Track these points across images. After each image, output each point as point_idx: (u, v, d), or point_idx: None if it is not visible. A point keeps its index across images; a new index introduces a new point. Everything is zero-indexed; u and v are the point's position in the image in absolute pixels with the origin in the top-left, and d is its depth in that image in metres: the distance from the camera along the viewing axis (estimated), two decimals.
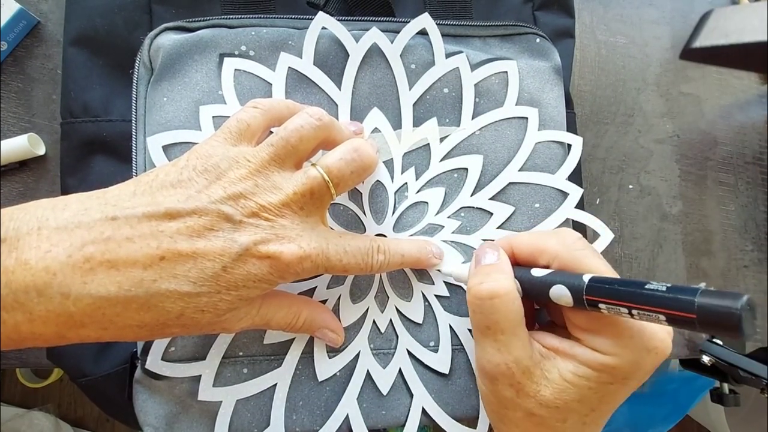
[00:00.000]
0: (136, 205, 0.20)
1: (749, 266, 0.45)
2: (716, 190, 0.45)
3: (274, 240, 0.22)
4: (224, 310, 0.22)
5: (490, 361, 0.23)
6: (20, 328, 0.19)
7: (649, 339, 0.22)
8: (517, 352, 0.22)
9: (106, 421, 1.01)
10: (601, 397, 0.22)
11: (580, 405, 0.22)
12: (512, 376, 0.22)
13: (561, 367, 0.22)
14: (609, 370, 0.22)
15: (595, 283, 0.21)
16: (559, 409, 0.22)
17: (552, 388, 0.22)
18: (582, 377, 0.22)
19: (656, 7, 0.46)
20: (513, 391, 0.23)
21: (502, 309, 0.23)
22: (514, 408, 0.23)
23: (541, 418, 0.23)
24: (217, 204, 0.21)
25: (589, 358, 0.22)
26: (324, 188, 0.24)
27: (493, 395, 0.24)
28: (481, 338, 0.24)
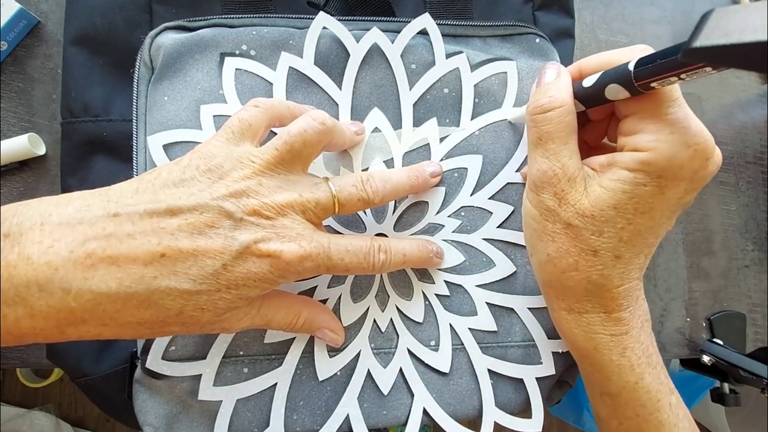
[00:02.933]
0: (138, 202, 0.20)
1: (750, 266, 0.45)
2: (717, 190, 0.45)
3: (275, 239, 0.22)
4: (224, 308, 0.22)
5: (539, 169, 0.24)
6: (21, 323, 0.19)
7: (692, 135, 0.22)
8: (564, 160, 0.24)
9: (107, 421, 1.01)
10: (636, 204, 0.23)
11: (616, 213, 0.23)
12: (557, 182, 0.24)
13: (603, 178, 0.23)
14: (644, 166, 0.22)
15: (641, 65, 0.21)
16: (594, 219, 0.23)
17: (590, 197, 0.23)
18: (617, 180, 0.23)
19: (657, 7, 0.46)
20: (556, 200, 0.24)
21: (554, 120, 0.24)
22: (553, 219, 0.24)
23: (577, 230, 0.23)
24: (218, 201, 0.21)
25: (626, 160, 0.23)
26: (329, 205, 0.24)
27: (536, 207, 0.25)
28: (533, 150, 0.25)
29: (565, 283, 0.25)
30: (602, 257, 0.24)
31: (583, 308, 0.25)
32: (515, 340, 0.30)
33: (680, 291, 0.43)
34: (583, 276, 0.24)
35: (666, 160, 0.22)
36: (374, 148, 0.30)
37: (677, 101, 0.22)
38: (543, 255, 0.25)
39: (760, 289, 0.44)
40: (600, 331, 0.25)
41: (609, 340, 0.25)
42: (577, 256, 0.24)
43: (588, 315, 0.25)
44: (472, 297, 0.30)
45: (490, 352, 0.30)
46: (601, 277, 0.24)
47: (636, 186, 0.22)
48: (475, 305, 0.30)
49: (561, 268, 0.25)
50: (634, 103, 0.23)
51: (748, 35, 0.19)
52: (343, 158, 0.30)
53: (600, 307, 0.25)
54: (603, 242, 0.23)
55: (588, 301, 0.25)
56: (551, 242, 0.24)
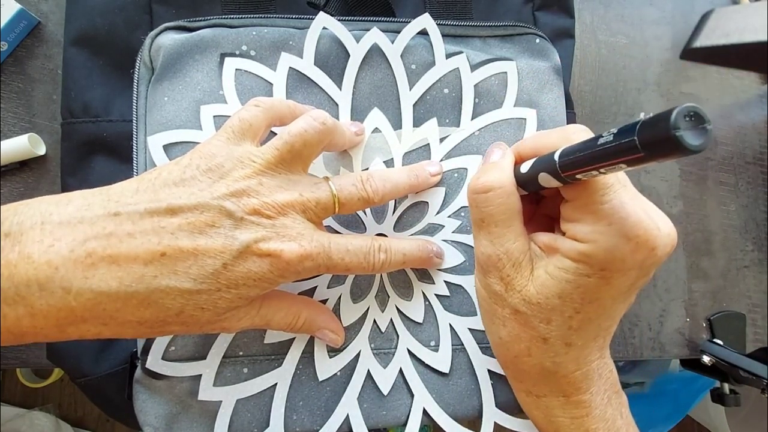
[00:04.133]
0: (139, 201, 0.20)
1: (750, 266, 0.45)
2: (717, 190, 0.45)
3: (275, 238, 0.22)
4: (224, 308, 0.22)
5: (483, 253, 0.24)
6: (21, 322, 0.19)
7: (630, 227, 0.20)
8: (508, 245, 0.23)
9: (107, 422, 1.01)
10: (582, 294, 0.21)
11: (561, 302, 0.22)
12: (502, 267, 0.23)
13: (547, 263, 0.22)
14: (585, 258, 0.21)
15: (564, 156, 0.20)
16: (541, 306, 0.22)
17: (536, 283, 0.22)
18: (561, 269, 0.22)
19: (657, 7, 0.46)
20: (502, 285, 0.23)
21: (495, 202, 0.23)
22: (502, 304, 0.24)
23: (525, 317, 0.23)
24: (218, 200, 0.21)
25: (568, 248, 0.22)
26: (330, 204, 0.24)
27: (485, 290, 0.25)
28: (476, 232, 0.24)
29: (520, 367, 0.24)
30: (553, 345, 0.23)
31: (541, 392, 0.24)
32: None
33: (680, 291, 0.43)
34: (536, 362, 0.23)
35: (606, 253, 0.20)
36: (374, 149, 0.30)
37: (612, 188, 0.21)
38: (496, 337, 0.25)
39: (760, 289, 0.44)
40: (559, 414, 0.24)
41: (570, 422, 0.24)
42: (528, 342, 0.23)
43: (546, 398, 0.24)
44: (471, 297, 0.30)
45: (490, 353, 0.30)
46: (554, 364, 0.23)
47: (579, 277, 0.21)
48: (474, 305, 0.30)
49: (514, 353, 0.24)
50: (572, 189, 0.22)
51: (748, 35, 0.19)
52: (343, 158, 0.30)
53: (558, 391, 0.24)
54: (552, 330, 0.22)
55: (545, 386, 0.24)
56: (502, 326, 0.24)
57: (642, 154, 0.16)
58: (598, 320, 0.23)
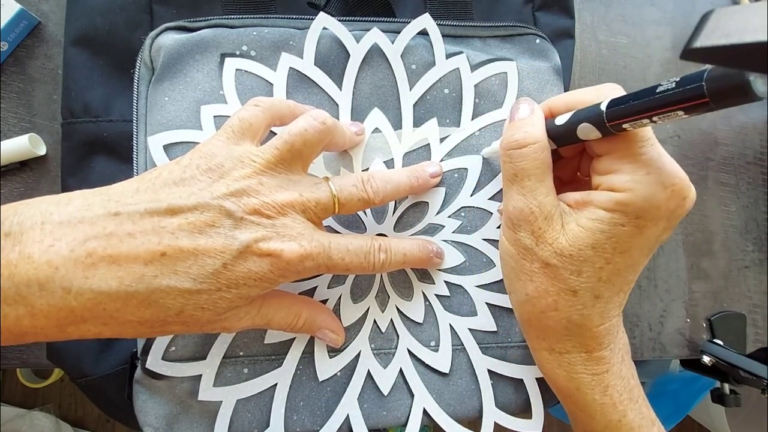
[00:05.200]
0: (139, 201, 0.20)
1: (750, 267, 0.45)
2: (717, 191, 0.45)
3: (276, 238, 0.22)
4: (224, 308, 0.22)
5: (515, 207, 0.24)
6: (21, 321, 0.19)
7: (667, 175, 0.21)
8: (541, 198, 0.23)
9: (107, 422, 1.01)
10: (615, 244, 0.22)
11: (594, 253, 0.22)
12: (534, 221, 0.23)
13: (579, 216, 0.23)
14: (621, 207, 0.22)
15: (613, 106, 0.21)
16: (573, 258, 0.23)
17: (568, 236, 0.23)
18: (595, 220, 0.22)
19: (657, 7, 0.46)
20: (533, 238, 0.23)
21: (529, 157, 0.23)
22: (531, 258, 0.24)
23: (555, 270, 0.23)
24: (218, 200, 0.21)
25: (603, 199, 0.22)
26: (330, 205, 0.24)
27: (513, 246, 0.24)
28: (508, 187, 0.24)
29: (545, 323, 0.24)
30: (582, 297, 0.23)
31: (564, 348, 0.25)
32: (515, 340, 0.30)
33: (680, 292, 0.43)
34: (563, 316, 0.24)
35: (644, 200, 0.21)
36: (374, 149, 0.30)
37: (650, 140, 0.22)
38: (521, 294, 0.25)
39: (760, 289, 0.44)
40: (581, 371, 0.24)
41: (591, 379, 0.24)
42: (556, 296, 0.23)
43: (569, 355, 0.25)
44: (472, 297, 0.30)
45: (490, 353, 0.30)
46: (581, 317, 0.23)
47: (614, 226, 0.22)
48: (475, 305, 0.30)
49: (540, 308, 0.24)
50: (607, 142, 0.23)
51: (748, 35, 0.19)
52: (343, 158, 0.30)
53: (581, 346, 0.24)
54: (582, 282, 0.23)
55: (569, 341, 0.24)
56: (529, 282, 0.24)
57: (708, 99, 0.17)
58: (626, 272, 0.23)
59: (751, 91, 0.15)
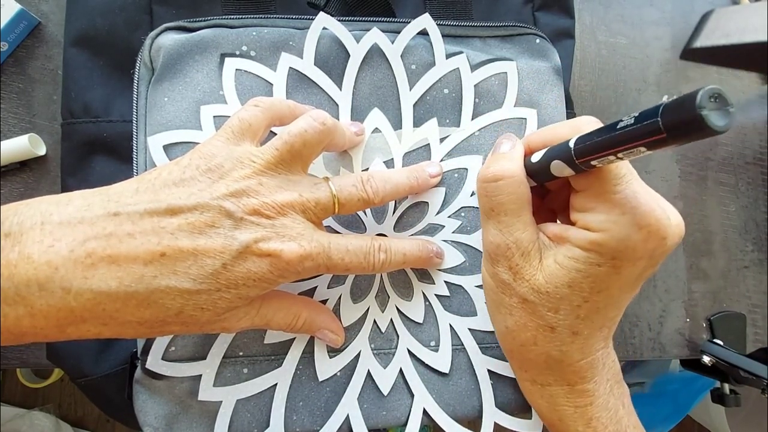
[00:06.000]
0: (139, 201, 0.20)
1: (749, 267, 0.45)
2: (717, 191, 0.45)
3: (275, 238, 0.22)
4: (224, 308, 0.22)
5: (491, 242, 0.24)
6: (21, 322, 0.19)
7: (642, 216, 0.21)
8: (518, 234, 0.23)
9: (107, 422, 1.01)
10: (592, 284, 0.22)
11: (570, 291, 0.22)
12: (511, 256, 0.23)
13: (556, 252, 0.23)
14: (596, 247, 0.21)
15: (580, 143, 0.21)
16: (549, 295, 0.22)
17: (545, 272, 0.23)
18: (571, 258, 0.22)
19: (657, 8, 0.46)
20: (511, 274, 0.23)
21: (505, 191, 0.23)
22: (509, 293, 0.24)
23: (533, 306, 0.23)
24: (218, 200, 0.21)
25: (579, 237, 0.22)
26: (329, 205, 0.24)
27: (492, 279, 0.25)
28: (485, 221, 0.24)
29: (526, 356, 0.25)
30: (560, 334, 0.23)
31: (546, 381, 0.25)
32: None
33: (680, 292, 0.43)
34: (542, 351, 0.24)
35: (618, 242, 0.21)
36: (374, 149, 0.30)
37: (625, 177, 0.21)
38: (502, 326, 0.25)
39: (760, 289, 0.44)
40: (563, 403, 0.24)
41: (573, 411, 0.24)
42: (535, 330, 0.23)
43: (551, 387, 0.25)
44: (472, 297, 0.30)
45: (490, 353, 0.30)
46: (560, 353, 0.23)
47: (590, 266, 0.22)
48: (475, 306, 0.30)
49: (520, 342, 0.24)
50: (584, 178, 0.22)
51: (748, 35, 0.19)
52: (343, 159, 0.30)
53: (562, 380, 0.24)
54: (560, 319, 0.23)
55: (550, 375, 0.24)
56: (509, 315, 0.24)
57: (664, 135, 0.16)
58: (605, 310, 0.23)
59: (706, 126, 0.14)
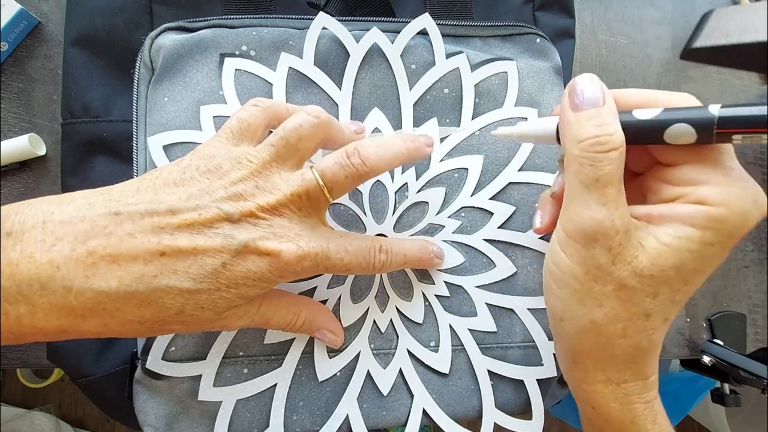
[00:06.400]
0: (139, 201, 0.21)
1: (750, 266, 0.45)
2: None
3: (273, 238, 0.22)
4: (224, 307, 0.22)
5: (593, 217, 0.20)
6: (22, 320, 0.19)
7: (759, 193, 0.20)
8: (623, 209, 0.20)
9: (107, 422, 1.01)
10: (698, 265, 0.20)
11: (676, 274, 0.20)
12: (615, 235, 0.20)
13: (658, 232, 0.20)
14: (716, 224, 0.19)
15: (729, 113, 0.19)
16: (653, 279, 0.20)
17: (649, 254, 0.20)
18: (683, 238, 0.20)
19: (657, 7, 0.46)
20: (610, 255, 0.20)
21: (617, 161, 0.20)
22: (604, 280, 0.21)
23: (632, 292, 0.20)
24: (217, 202, 0.21)
25: (693, 215, 0.20)
26: (319, 192, 0.23)
27: (581, 265, 0.21)
28: (584, 193, 0.20)
29: (609, 352, 0.22)
30: (653, 321, 0.21)
31: (622, 378, 0.22)
32: (515, 341, 0.30)
33: None
34: (631, 343, 0.21)
35: (741, 217, 0.19)
36: None
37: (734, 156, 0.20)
38: (584, 321, 0.21)
39: (760, 289, 0.44)
40: (636, 400, 0.22)
41: (644, 408, 0.22)
42: (627, 321, 0.21)
43: (626, 384, 0.22)
44: (472, 298, 0.30)
45: (490, 353, 0.30)
46: (650, 342, 0.21)
47: (704, 246, 0.20)
48: (475, 306, 0.30)
49: (606, 336, 0.21)
50: (690, 151, 0.20)
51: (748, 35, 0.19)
52: None
53: (639, 374, 0.22)
54: (656, 305, 0.21)
55: (628, 369, 0.22)
56: (597, 307, 0.21)
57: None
58: (693, 290, 0.21)
59: None
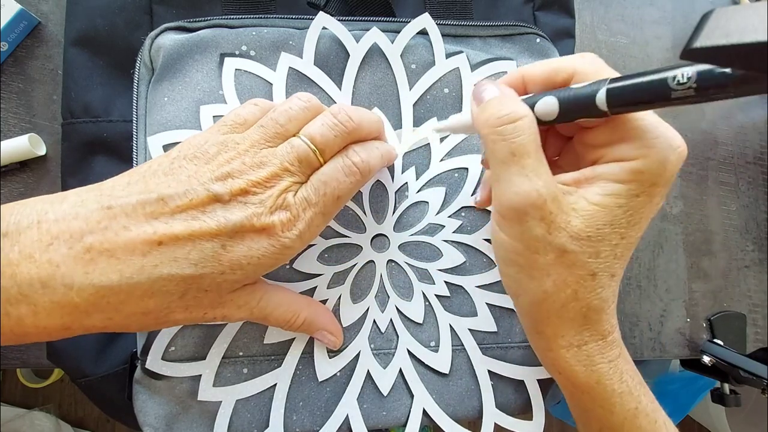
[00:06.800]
0: (130, 193, 0.21)
1: (750, 266, 0.45)
2: (717, 190, 0.45)
3: (265, 213, 0.22)
4: (227, 289, 0.22)
5: (518, 192, 0.21)
6: (24, 320, 0.19)
7: (673, 137, 0.21)
8: (545, 177, 0.21)
9: (107, 422, 1.01)
10: (630, 217, 0.21)
11: (611, 230, 0.21)
12: (543, 204, 0.21)
13: (587, 193, 0.21)
14: (637, 176, 0.21)
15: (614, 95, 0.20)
16: (591, 240, 0.21)
17: (581, 216, 0.21)
18: (610, 195, 0.21)
19: (657, 7, 0.46)
20: (544, 226, 0.21)
21: (528, 131, 0.21)
22: (544, 249, 0.21)
23: (574, 256, 0.21)
24: (205, 185, 0.21)
25: (615, 172, 0.21)
26: (310, 155, 0.23)
27: (519, 241, 0.22)
28: (504, 169, 0.21)
29: (565, 316, 0.23)
30: (600, 279, 0.22)
31: (582, 340, 0.23)
32: (515, 340, 0.30)
33: (680, 291, 0.43)
34: (584, 304, 0.22)
35: (659, 165, 0.21)
36: None
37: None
38: (538, 293, 0.23)
39: (761, 289, 0.44)
40: (599, 360, 0.23)
41: (608, 368, 0.23)
42: (576, 284, 0.22)
43: (587, 346, 0.23)
44: (472, 298, 0.30)
45: (490, 353, 0.30)
46: (600, 300, 0.22)
47: (630, 198, 0.21)
48: (475, 306, 0.30)
49: (560, 302, 0.22)
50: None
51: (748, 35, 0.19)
52: None
53: (597, 334, 0.23)
54: (600, 263, 0.22)
55: (586, 331, 0.23)
56: (546, 277, 0.22)
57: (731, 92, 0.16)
58: (634, 245, 0.22)
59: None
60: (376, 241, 0.30)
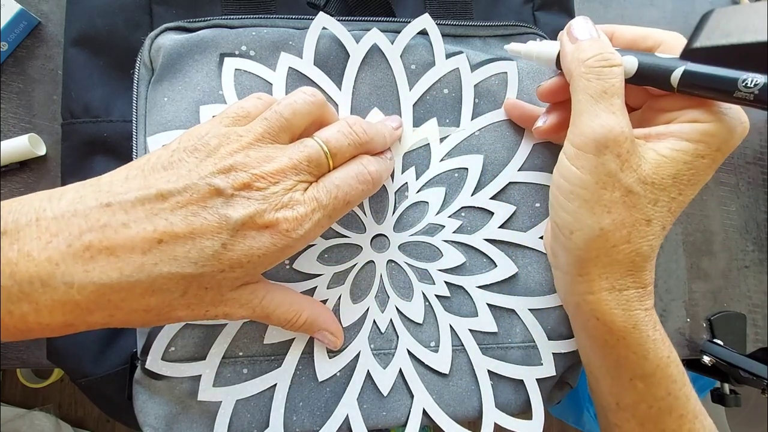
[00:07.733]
0: (129, 189, 0.20)
1: (750, 266, 0.45)
2: (717, 190, 0.45)
3: (269, 209, 0.21)
4: (228, 287, 0.22)
5: (603, 125, 0.22)
6: (27, 318, 0.19)
7: (741, 112, 0.23)
8: (628, 120, 0.23)
9: (107, 422, 1.01)
10: (691, 176, 0.23)
11: (673, 183, 0.23)
12: (623, 142, 0.22)
13: (657, 146, 0.23)
14: (706, 137, 0.23)
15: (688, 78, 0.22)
16: (654, 186, 0.23)
17: (650, 163, 0.23)
18: (679, 150, 0.23)
19: (657, 8, 0.46)
20: (618, 162, 0.22)
21: (620, 77, 0.23)
22: (613, 186, 0.23)
23: (636, 198, 0.23)
24: (206, 179, 0.21)
25: (686, 131, 0.23)
26: (322, 158, 0.23)
27: (591, 173, 0.23)
28: (592, 105, 0.23)
29: (614, 258, 0.24)
30: (653, 227, 0.23)
31: (625, 285, 0.24)
32: (516, 341, 0.30)
33: (680, 291, 0.43)
34: (634, 248, 0.23)
35: (727, 132, 0.23)
36: None
37: None
38: (595, 230, 0.23)
39: (761, 289, 0.44)
40: (637, 307, 0.24)
41: (644, 315, 0.24)
42: (631, 227, 0.23)
43: (627, 292, 0.24)
44: (472, 298, 0.30)
45: (490, 353, 0.30)
46: (650, 248, 0.24)
47: (696, 158, 0.23)
48: (475, 306, 0.30)
49: (613, 242, 0.23)
50: None
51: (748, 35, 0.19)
52: None
53: (639, 282, 0.24)
54: (656, 211, 0.23)
55: (630, 276, 0.24)
56: (606, 213, 0.23)
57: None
58: (685, 204, 0.24)
59: None
60: (376, 241, 0.30)
